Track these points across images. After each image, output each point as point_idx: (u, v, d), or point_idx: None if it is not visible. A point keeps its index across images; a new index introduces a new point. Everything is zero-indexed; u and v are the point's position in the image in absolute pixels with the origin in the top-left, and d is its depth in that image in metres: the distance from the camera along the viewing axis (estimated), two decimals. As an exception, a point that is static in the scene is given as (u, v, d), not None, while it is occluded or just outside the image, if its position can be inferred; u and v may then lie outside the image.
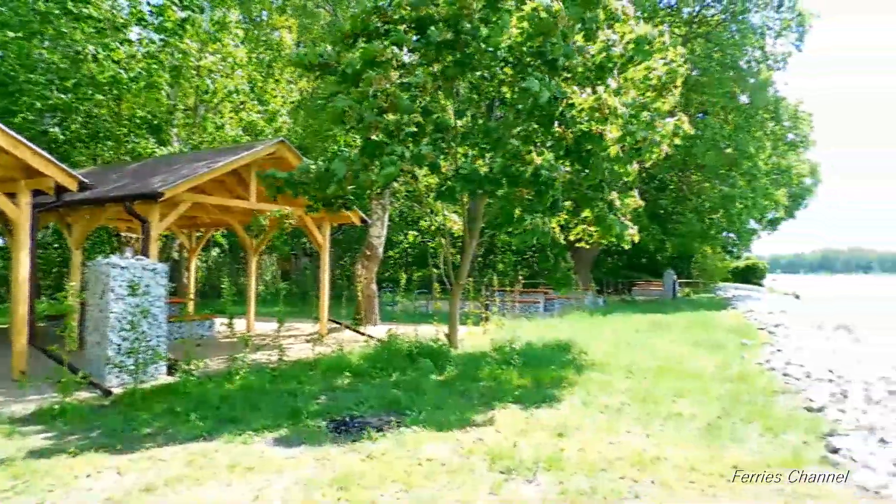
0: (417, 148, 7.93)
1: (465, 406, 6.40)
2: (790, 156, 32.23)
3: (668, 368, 8.52)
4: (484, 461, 4.69)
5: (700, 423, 5.79)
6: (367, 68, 8.07)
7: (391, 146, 7.86)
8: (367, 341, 10.83)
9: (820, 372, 8.08)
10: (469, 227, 10.14)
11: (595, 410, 6.28)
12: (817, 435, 5.45)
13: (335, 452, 4.88)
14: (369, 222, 14.31)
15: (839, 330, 13.34)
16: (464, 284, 10.45)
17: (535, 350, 9.60)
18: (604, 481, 4.27)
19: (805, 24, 24.92)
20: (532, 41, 8.13)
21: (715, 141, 23.15)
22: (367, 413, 6.15)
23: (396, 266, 26.86)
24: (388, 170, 7.61)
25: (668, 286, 27.21)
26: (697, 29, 26.06)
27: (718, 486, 4.24)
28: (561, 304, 19.99)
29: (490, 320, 12.90)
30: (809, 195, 43.63)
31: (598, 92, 7.88)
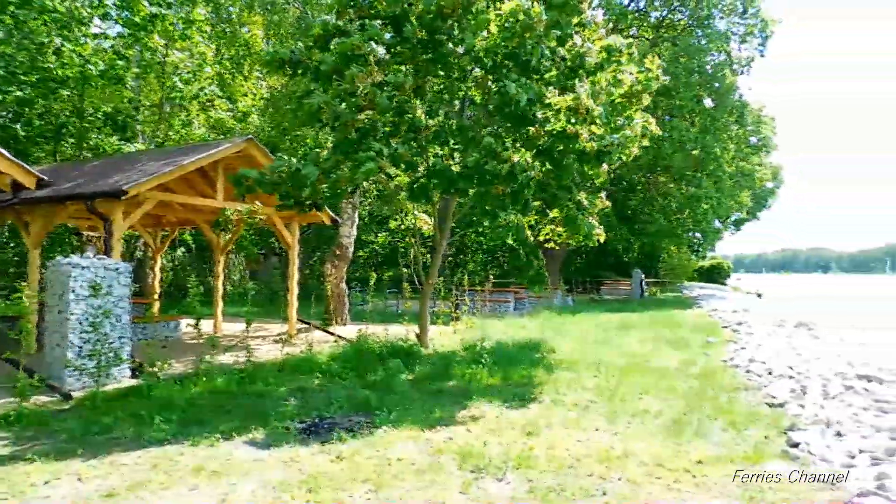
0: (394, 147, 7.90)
1: (435, 406, 6.40)
2: (753, 159, 33.07)
3: (635, 366, 8.65)
4: (454, 460, 4.69)
5: (666, 420, 5.89)
6: (344, 64, 7.97)
7: (368, 143, 7.81)
8: (337, 341, 10.75)
9: (781, 368, 8.29)
10: (439, 227, 10.15)
11: (564, 408, 6.34)
12: (778, 430, 5.59)
13: (304, 454, 4.83)
14: (339, 222, 14.21)
15: (799, 327, 13.72)
16: (434, 284, 10.45)
17: (505, 349, 9.65)
18: (572, 479, 4.32)
19: (767, 29, 25.58)
20: (508, 43, 8.17)
21: (682, 143, 23.63)
22: (337, 414, 6.10)
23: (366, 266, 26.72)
24: (367, 166, 7.55)
25: (635, 285, 27.64)
26: (665, 33, 26.55)
27: (683, 480, 4.32)
28: (531, 303, 20.14)
29: (460, 320, 12.94)
30: (772, 197, 44.85)
31: (577, 92, 7.95)
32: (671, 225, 26.97)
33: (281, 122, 18.59)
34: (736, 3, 25.19)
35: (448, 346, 10.11)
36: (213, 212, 11.99)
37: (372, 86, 7.74)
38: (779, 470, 4.48)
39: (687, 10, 26.00)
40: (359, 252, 22.57)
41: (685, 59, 24.42)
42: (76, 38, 15.15)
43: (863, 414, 5.79)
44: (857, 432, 5.26)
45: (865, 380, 7.26)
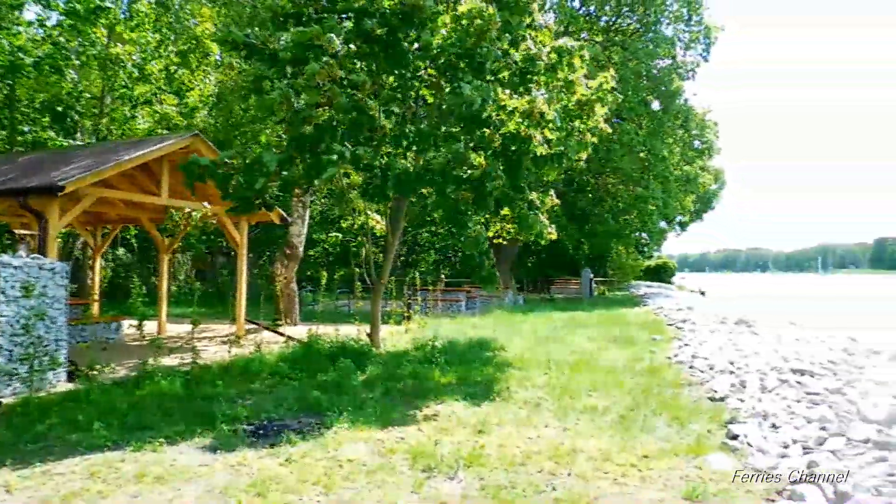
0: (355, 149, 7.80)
1: (386, 406, 6.37)
2: (697, 162, 34.20)
3: (584, 363, 8.82)
4: (405, 460, 4.68)
5: (613, 416, 6.03)
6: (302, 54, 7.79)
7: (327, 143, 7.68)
8: (287, 342, 10.57)
9: (722, 364, 8.60)
10: (392, 227, 10.10)
11: (515, 406, 6.41)
12: (719, 423, 5.81)
13: (252, 457, 4.73)
14: (290, 221, 13.97)
15: (739, 324, 14.25)
16: (386, 283, 10.40)
17: (456, 348, 9.69)
18: (523, 476, 4.37)
19: (711, 36, 26.49)
20: (463, 43, 8.18)
21: (630, 146, 24.24)
22: (287, 416, 6.00)
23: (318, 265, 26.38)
24: (329, 171, 7.44)
25: (584, 284, 28.17)
26: (614, 37, 27.16)
27: (630, 475, 4.43)
28: (482, 302, 20.29)
29: (412, 319, 12.91)
30: (715, 199, 46.54)
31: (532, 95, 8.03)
32: (619, 225, 27.66)
33: (231, 118, 18.13)
34: (681, 11, 25.99)
35: (400, 346, 10.08)
36: (157, 209, 11.61)
37: (332, 82, 7.62)
38: (719, 462, 4.65)
39: (635, 16, 26.69)
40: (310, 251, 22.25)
41: (634, 63, 25.06)
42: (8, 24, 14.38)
43: (796, 406, 6.06)
44: (790, 423, 5.50)
45: (799, 374, 7.60)
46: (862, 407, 5.68)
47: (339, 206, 13.88)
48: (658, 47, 25.49)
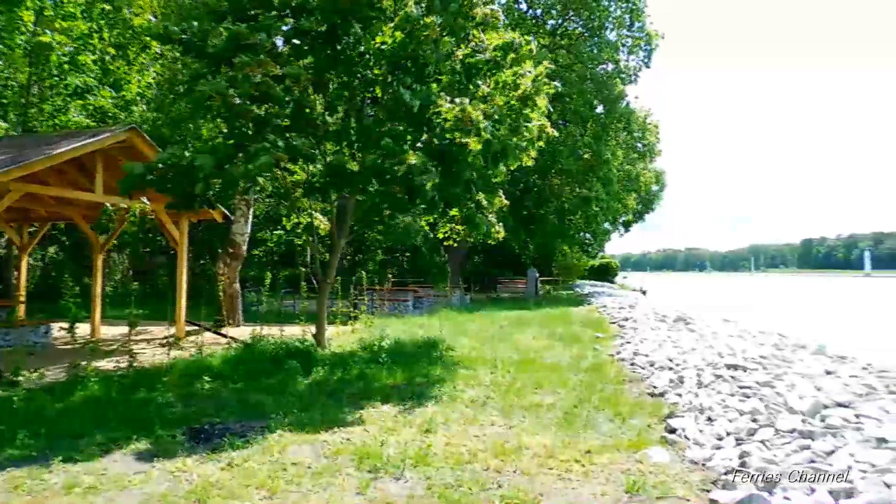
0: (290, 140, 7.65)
1: (332, 407, 6.30)
2: (639, 164, 35.25)
3: (530, 361, 8.96)
4: (351, 461, 4.64)
5: (558, 412, 6.14)
6: (235, 51, 7.60)
7: (264, 135, 7.51)
8: (230, 344, 10.30)
9: (661, 361, 8.89)
10: (338, 226, 9.99)
11: (461, 405, 6.45)
12: (658, 417, 6.01)
13: (192, 463, 4.58)
14: (232, 219, 13.62)
15: (678, 322, 14.77)
16: (332, 283, 10.26)
17: (404, 348, 9.67)
18: (469, 474, 4.40)
19: (652, 42, 27.34)
20: (405, 47, 8.15)
21: (575, 147, 24.75)
22: (229, 419, 5.85)
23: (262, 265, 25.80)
24: (262, 159, 7.26)
25: (530, 283, 28.59)
26: (560, 41, 27.67)
27: (574, 470, 4.53)
28: (429, 301, 20.30)
29: (359, 319, 12.79)
30: (657, 200, 48.00)
31: (462, 103, 8.05)
32: (564, 226, 28.21)
33: (170, 112, 17.51)
34: (624, 17, 26.73)
35: (347, 346, 9.98)
36: (90, 206, 11.10)
37: (264, 76, 7.45)
38: (658, 455, 4.81)
39: (581, 20, 27.27)
40: (254, 251, 21.74)
41: (579, 66, 25.61)
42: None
43: (730, 399, 6.32)
44: (724, 416, 5.74)
45: (732, 369, 7.92)
46: (789, 399, 5.98)
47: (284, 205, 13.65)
48: (602, 52, 26.14)
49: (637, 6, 26.42)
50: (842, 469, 4.12)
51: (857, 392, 6.35)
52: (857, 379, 7.10)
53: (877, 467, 4.12)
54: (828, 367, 8.02)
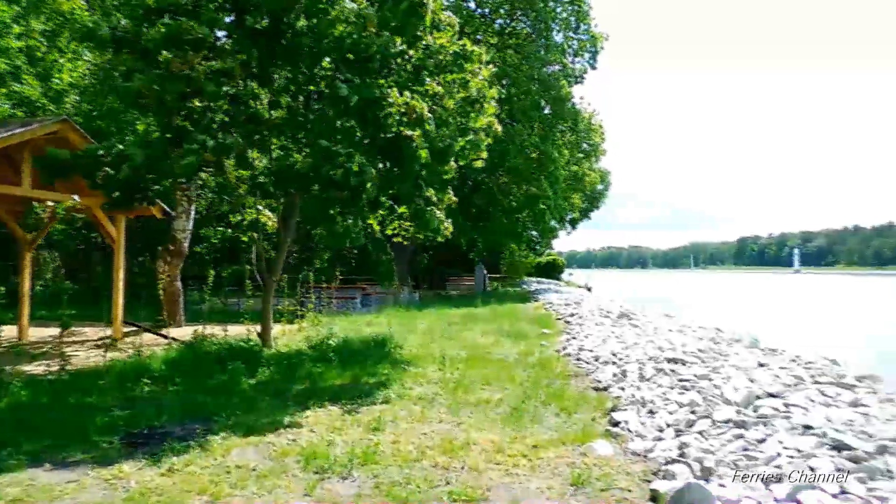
0: (221, 139, 7.43)
1: (279, 407, 6.19)
2: (585, 163, 35.99)
3: (478, 358, 9.03)
4: (298, 462, 4.57)
5: (505, 408, 6.22)
6: (169, 47, 7.34)
7: (193, 134, 7.26)
8: (170, 344, 9.96)
9: (606, 355, 9.12)
10: (284, 223, 9.80)
11: (409, 402, 6.45)
12: (603, 411, 6.17)
13: (130, 469, 4.41)
14: (173, 215, 13.17)
15: (622, 318, 15.18)
16: (278, 281, 10.07)
17: (351, 346, 9.59)
18: (417, 471, 4.40)
19: (597, 45, 27.93)
20: (351, 41, 8.05)
21: (523, 147, 25.05)
22: (170, 423, 5.65)
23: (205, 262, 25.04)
24: (188, 159, 7.04)
25: (478, 280, 28.83)
26: (508, 40, 27.93)
27: (521, 465, 4.60)
28: (378, 299, 20.20)
29: (306, 318, 12.59)
30: (602, 198, 49.08)
31: (406, 97, 8.02)
32: (512, 223, 28.52)
33: (105, 105, 16.73)
34: (570, 19, 27.20)
35: (293, 345, 9.81)
36: (17, 201, 10.53)
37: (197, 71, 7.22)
38: (603, 448, 4.93)
39: (528, 21, 27.60)
40: (196, 248, 21.10)
41: (527, 66, 25.92)
42: None
43: (670, 392, 6.55)
44: (665, 409, 5.94)
45: (672, 362, 8.21)
46: (725, 391, 6.24)
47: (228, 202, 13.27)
48: (549, 53, 26.53)
49: (583, 9, 26.93)
50: (771, 456, 4.33)
51: (787, 383, 6.69)
52: (786, 370, 7.48)
53: (802, 452, 4.35)
54: (760, 360, 8.41)
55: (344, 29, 7.97)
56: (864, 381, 6.90)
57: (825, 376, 7.13)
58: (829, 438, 4.52)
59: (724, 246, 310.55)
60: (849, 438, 4.47)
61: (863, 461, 4.13)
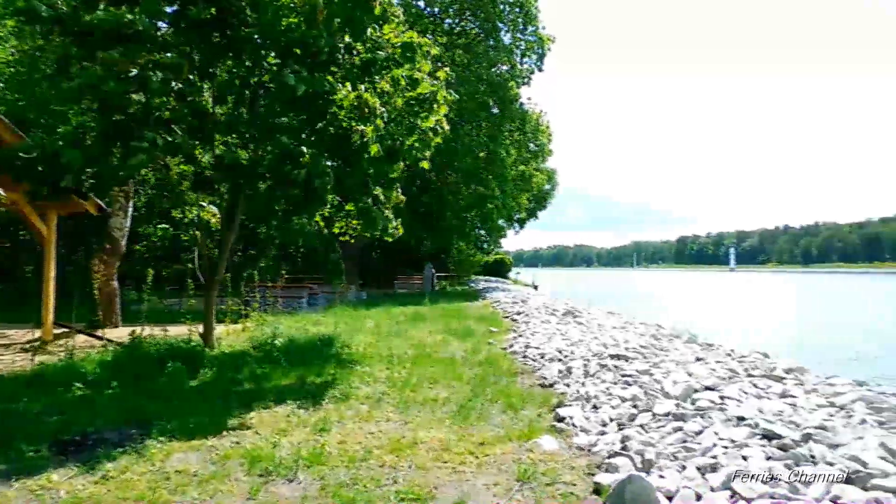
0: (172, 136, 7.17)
1: (222, 410, 6.02)
2: (532, 163, 36.52)
3: (426, 356, 9.04)
4: (241, 466, 4.47)
5: (453, 406, 6.24)
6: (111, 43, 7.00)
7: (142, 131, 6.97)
8: (105, 346, 9.55)
9: (551, 353, 9.28)
10: (228, 220, 9.54)
11: (356, 402, 6.39)
12: (548, 407, 6.27)
13: (59, 478, 4.20)
14: (109, 212, 12.63)
15: (567, 315, 15.48)
16: (221, 280, 9.80)
17: (298, 346, 9.42)
18: (364, 471, 4.37)
19: (544, 47, 28.37)
20: (297, 32, 7.90)
21: (471, 146, 25.21)
22: (106, 429, 5.42)
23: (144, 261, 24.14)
24: (137, 158, 6.76)
25: (427, 279, 28.83)
26: (457, 40, 28.04)
27: (468, 462, 4.62)
28: (325, 298, 19.94)
29: (250, 317, 12.31)
30: (549, 198, 49.89)
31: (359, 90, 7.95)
32: (460, 222, 28.68)
33: (34, 95, 15.87)
34: (518, 20, 27.54)
35: (237, 346, 9.58)
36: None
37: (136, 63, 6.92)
38: (548, 443, 5.02)
39: (477, 21, 27.80)
40: (134, 246, 20.32)
41: (475, 66, 26.10)
42: None
43: (613, 388, 6.72)
44: (608, 404, 6.09)
45: (616, 358, 8.43)
46: (665, 385, 6.45)
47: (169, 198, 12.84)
48: (497, 53, 26.78)
49: (531, 11, 27.31)
50: (708, 447, 4.51)
51: (722, 376, 6.97)
52: (721, 364, 7.79)
53: (736, 443, 4.54)
54: (698, 355, 8.74)
55: (291, 21, 7.81)
56: (792, 373, 7.27)
57: (757, 369, 7.46)
58: (761, 429, 4.74)
59: (665, 245, 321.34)
60: (778, 428, 4.70)
61: (790, 449, 4.35)
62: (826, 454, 4.17)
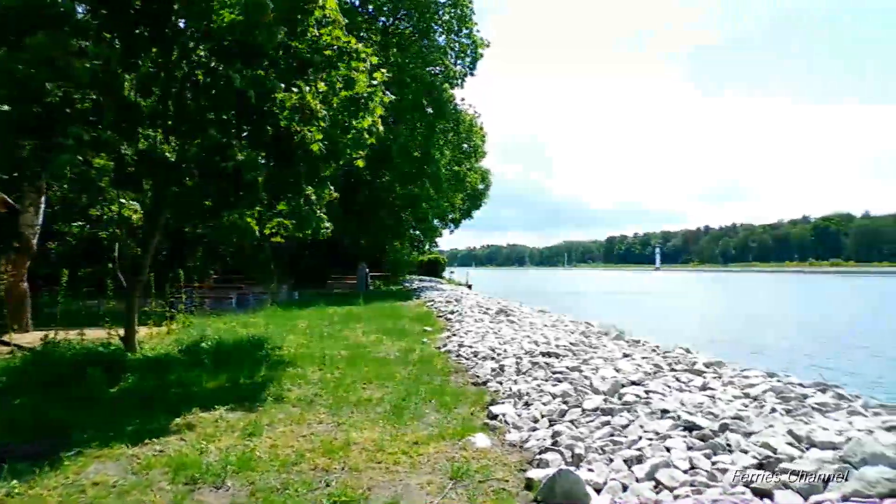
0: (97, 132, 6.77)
1: (145, 417, 5.75)
2: (465, 163, 36.83)
3: (359, 357, 8.96)
4: (165, 474, 4.29)
5: (386, 406, 6.22)
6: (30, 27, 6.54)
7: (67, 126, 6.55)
8: (13, 352, 8.95)
9: (484, 351, 9.39)
10: (152, 218, 9.13)
11: (288, 405, 6.26)
12: (481, 405, 6.35)
13: (-39, 494, 3.91)
14: (19, 209, 11.84)
15: (500, 314, 15.71)
16: (144, 281, 9.36)
17: (226, 348, 9.12)
18: (295, 475, 4.29)
19: (478, 51, 28.67)
20: (236, 30, 7.65)
21: (406, 146, 25.17)
22: (14, 441, 5.07)
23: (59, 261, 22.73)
24: (63, 157, 6.35)
25: (361, 279, 28.57)
26: (392, 39, 27.93)
27: (401, 462, 4.62)
28: (256, 298, 19.43)
29: (176, 319, 11.84)
30: (483, 198, 50.42)
31: (302, 91, 7.79)
32: (395, 222, 28.60)
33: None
34: (453, 22, 27.71)
35: (162, 349, 9.18)
36: None
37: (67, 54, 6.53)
38: (481, 441, 5.08)
39: (411, 22, 27.78)
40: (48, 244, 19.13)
41: (410, 67, 26.07)
42: None
43: (544, 385, 6.87)
44: (539, 400, 6.23)
45: (547, 356, 8.63)
46: (594, 381, 6.65)
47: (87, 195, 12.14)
48: (432, 54, 26.86)
49: (465, 13, 27.53)
50: (634, 439, 4.69)
51: (647, 371, 7.26)
52: (647, 360, 8.11)
53: (660, 435, 4.74)
54: (625, 351, 9.06)
55: (231, 17, 7.55)
56: (712, 367, 7.65)
57: (680, 364, 7.82)
58: (683, 420, 4.97)
59: (595, 245, 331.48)
60: (698, 419, 4.94)
61: (709, 439, 4.58)
62: (741, 442, 4.41)
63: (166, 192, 8.90)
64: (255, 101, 7.44)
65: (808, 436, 4.36)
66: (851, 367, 13.18)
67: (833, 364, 13.34)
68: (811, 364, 12.99)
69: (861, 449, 3.82)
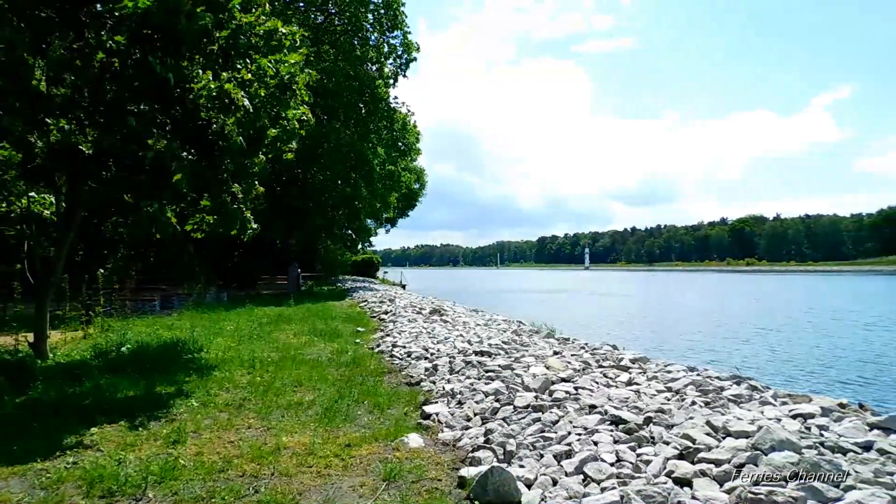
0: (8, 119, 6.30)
1: (56, 428, 5.40)
2: (400, 162, 36.71)
3: (290, 359, 8.76)
4: (79, 488, 4.04)
5: (318, 409, 6.10)
6: None
7: None
8: None
9: (418, 351, 9.38)
10: (67, 214, 8.59)
11: (215, 410, 6.04)
12: (415, 405, 6.33)
13: None
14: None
15: (433, 314, 15.75)
16: (59, 282, 8.80)
17: (149, 353, 8.72)
18: (222, 483, 4.14)
19: (411, 53, 28.60)
20: (153, 17, 7.28)
21: (338, 144, 24.80)
22: None
23: (-41, 261, 21.05)
24: None
25: (292, 279, 27.99)
26: (324, 36, 27.46)
27: (333, 465, 4.54)
28: (180, 300, 18.66)
29: (94, 323, 11.20)
30: (419, 197, 50.46)
31: (221, 80, 7.52)
32: (327, 221, 28.13)
33: None
34: (384, 21, 27.53)
35: (77, 355, 8.66)
36: None
37: None
38: (415, 441, 5.06)
39: (344, 17, 27.40)
40: (-54, 244, 17.70)
41: (343, 63, 25.72)
42: None
43: (477, 383, 6.93)
44: (472, 399, 6.27)
45: (480, 355, 8.71)
46: (525, 379, 6.76)
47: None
48: (365, 52, 26.59)
49: (398, 16, 27.41)
50: (563, 435, 4.80)
51: (577, 368, 7.45)
52: (576, 357, 8.32)
53: (588, 430, 4.88)
54: (556, 349, 9.27)
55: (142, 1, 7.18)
56: (637, 363, 7.93)
57: (608, 360, 8.06)
58: (610, 415, 5.12)
59: (527, 245, 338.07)
60: (624, 413, 5.11)
61: (634, 432, 4.75)
62: (664, 434, 4.60)
63: (82, 187, 8.39)
64: (174, 89, 7.13)
65: (724, 426, 4.59)
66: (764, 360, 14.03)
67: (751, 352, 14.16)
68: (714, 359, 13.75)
69: (770, 436, 4.06)
